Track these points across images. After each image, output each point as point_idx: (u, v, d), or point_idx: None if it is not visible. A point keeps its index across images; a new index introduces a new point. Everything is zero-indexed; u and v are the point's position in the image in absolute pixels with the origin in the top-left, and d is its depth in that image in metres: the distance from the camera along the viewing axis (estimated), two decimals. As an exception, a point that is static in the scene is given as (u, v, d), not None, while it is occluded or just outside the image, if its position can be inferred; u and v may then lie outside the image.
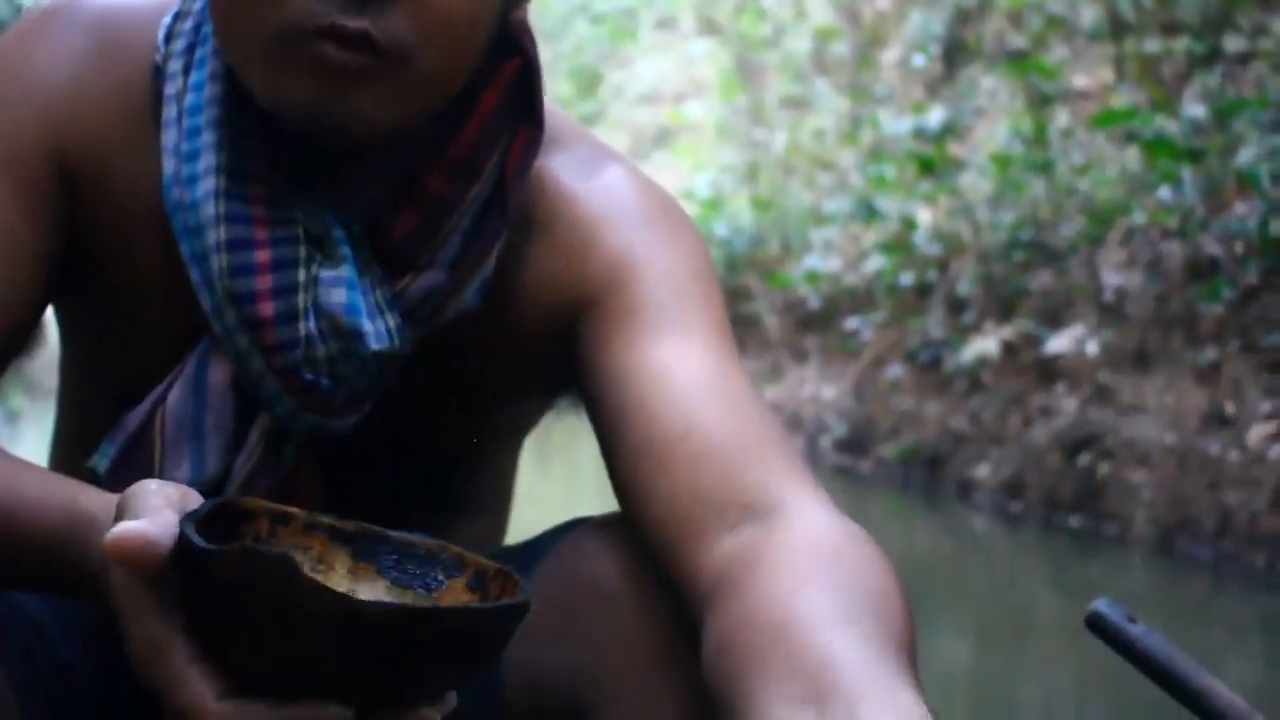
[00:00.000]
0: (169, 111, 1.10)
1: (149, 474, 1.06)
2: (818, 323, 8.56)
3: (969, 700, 3.59)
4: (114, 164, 1.12)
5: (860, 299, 8.23)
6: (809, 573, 0.92)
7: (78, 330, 1.21)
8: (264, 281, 1.06)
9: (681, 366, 1.08)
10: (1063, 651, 3.95)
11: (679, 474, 1.02)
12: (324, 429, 1.10)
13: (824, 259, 8.80)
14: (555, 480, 6.79)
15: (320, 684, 0.77)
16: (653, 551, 1.04)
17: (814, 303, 8.65)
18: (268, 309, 1.06)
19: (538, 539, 1.16)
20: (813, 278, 8.70)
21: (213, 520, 0.82)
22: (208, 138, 1.08)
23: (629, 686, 1.01)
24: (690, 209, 11.20)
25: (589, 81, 13.32)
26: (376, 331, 1.08)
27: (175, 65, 1.11)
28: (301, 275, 1.07)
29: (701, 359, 1.09)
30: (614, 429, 1.08)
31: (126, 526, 0.80)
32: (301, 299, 1.07)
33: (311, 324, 1.07)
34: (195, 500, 0.86)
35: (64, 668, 1.13)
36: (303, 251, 1.07)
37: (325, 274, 1.07)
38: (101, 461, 1.08)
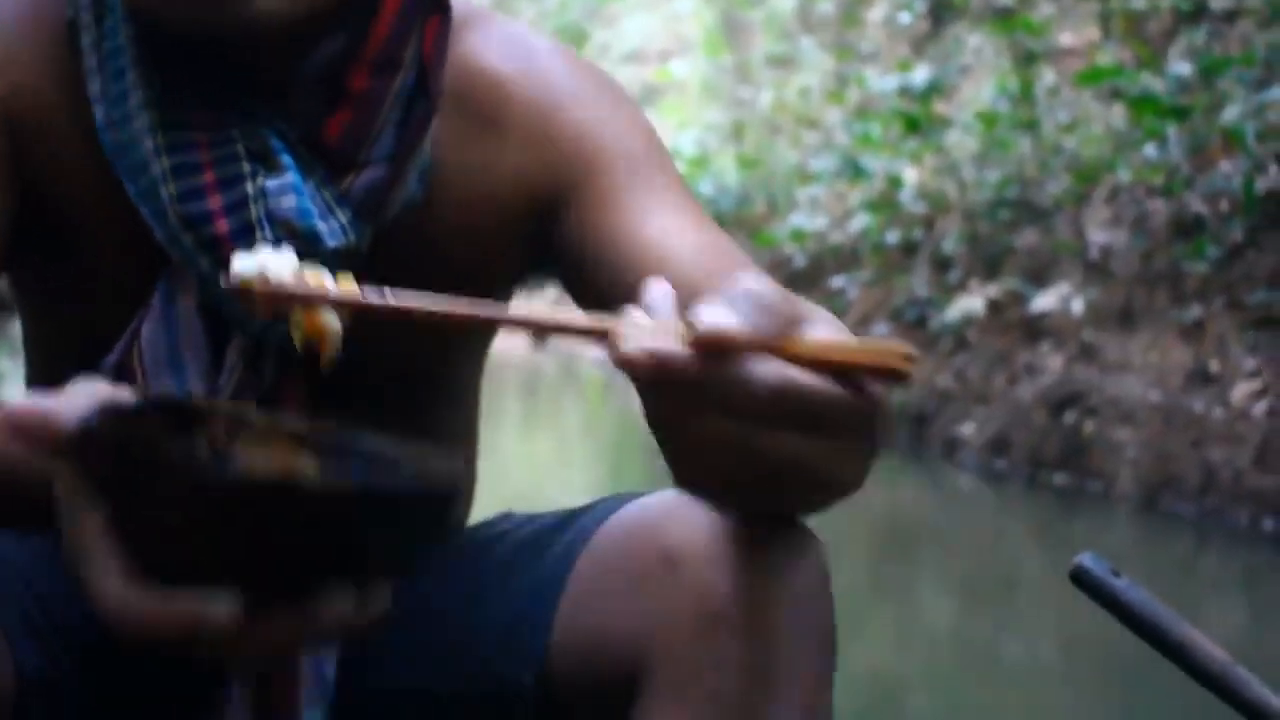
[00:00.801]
0: (90, 61, 1.11)
1: None
2: (803, 281, 8.57)
3: (955, 654, 3.62)
4: (50, 124, 1.13)
5: (846, 257, 8.24)
6: None
7: (36, 291, 1.22)
8: (214, 201, 1.08)
9: (676, 240, 1.13)
10: (1047, 606, 3.98)
11: None
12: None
13: (809, 217, 8.80)
14: (543, 445, 6.81)
15: (210, 570, 0.73)
16: None
17: (800, 261, 8.66)
18: (222, 226, 1.08)
19: (600, 503, 1.15)
20: (798, 236, 8.71)
21: (164, 421, 0.79)
22: (133, 76, 1.10)
23: (693, 646, 1.01)
24: (676, 168, 11.14)
25: (574, 39, 13.28)
26: (330, 229, 1.10)
27: (86, 17, 1.12)
28: (249, 188, 1.09)
29: (689, 225, 1.15)
30: (610, 297, 1.10)
31: (19, 403, 0.80)
32: (254, 210, 1.08)
33: (268, 233, 1.08)
34: (124, 396, 0.85)
35: (47, 605, 1.13)
36: (246, 166, 1.09)
37: (271, 184, 1.09)
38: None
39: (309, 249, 1.09)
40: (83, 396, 0.80)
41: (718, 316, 0.76)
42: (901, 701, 3.20)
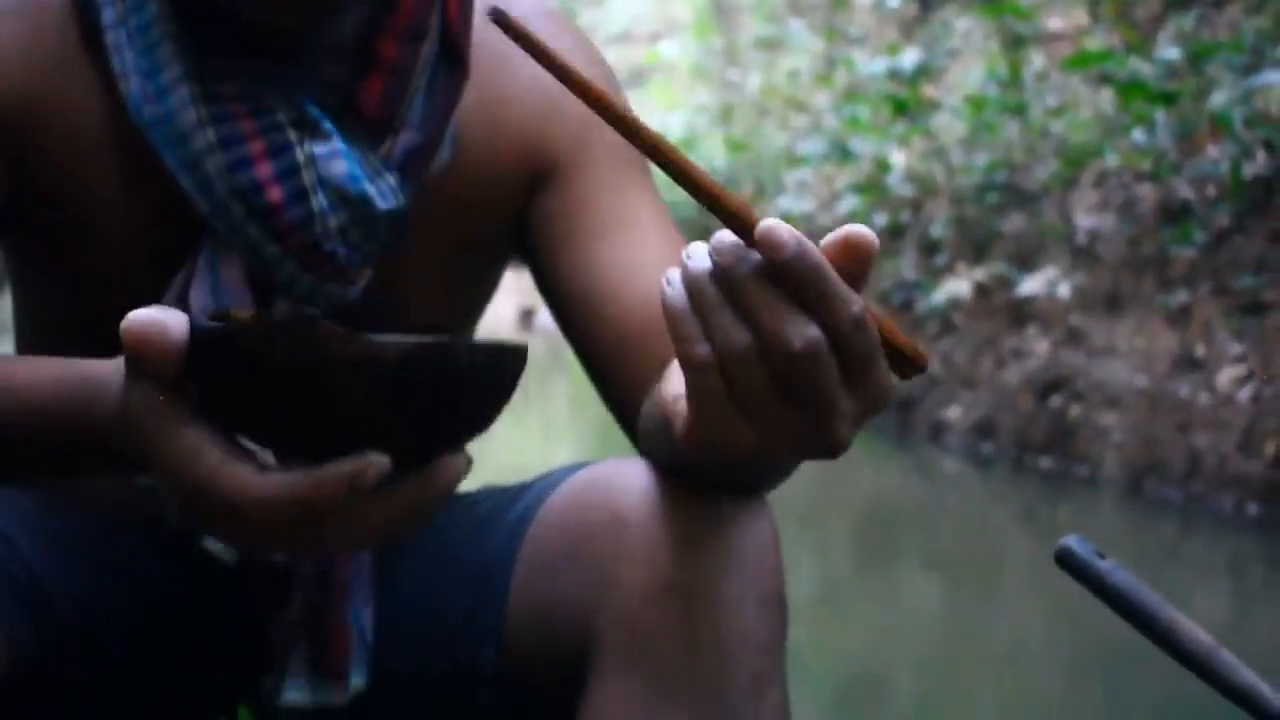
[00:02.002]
0: (115, 37, 1.11)
1: None
2: (791, 264, 8.57)
3: (940, 636, 3.62)
4: (54, 105, 1.13)
5: (834, 240, 8.22)
6: None
7: (33, 277, 1.22)
8: (265, 169, 1.09)
9: (643, 254, 1.18)
10: (1032, 589, 3.99)
11: (648, 355, 1.14)
12: (342, 299, 1.14)
13: (798, 200, 8.80)
14: (530, 424, 6.81)
15: (352, 443, 0.80)
16: (618, 407, 1.17)
17: (787, 244, 8.64)
18: (276, 194, 1.09)
19: (554, 472, 1.17)
20: (787, 219, 8.69)
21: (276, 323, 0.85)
22: (167, 50, 1.10)
23: (643, 615, 1.02)
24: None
25: (563, 21, 13.24)
26: (381, 192, 1.12)
27: None
28: (299, 155, 1.10)
29: (656, 242, 1.20)
30: (583, 316, 1.18)
31: (141, 312, 0.82)
32: (306, 177, 1.10)
33: (322, 198, 1.10)
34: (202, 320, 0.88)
35: (43, 584, 1.13)
36: (292, 134, 1.10)
37: (320, 150, 1.11)
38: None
39: (359, 214, 1.11)
40: (174, 311, 0.83)
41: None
42: (886, 683, 3.21)
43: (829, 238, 0.79)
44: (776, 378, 0.78)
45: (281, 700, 1.11)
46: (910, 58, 8.11)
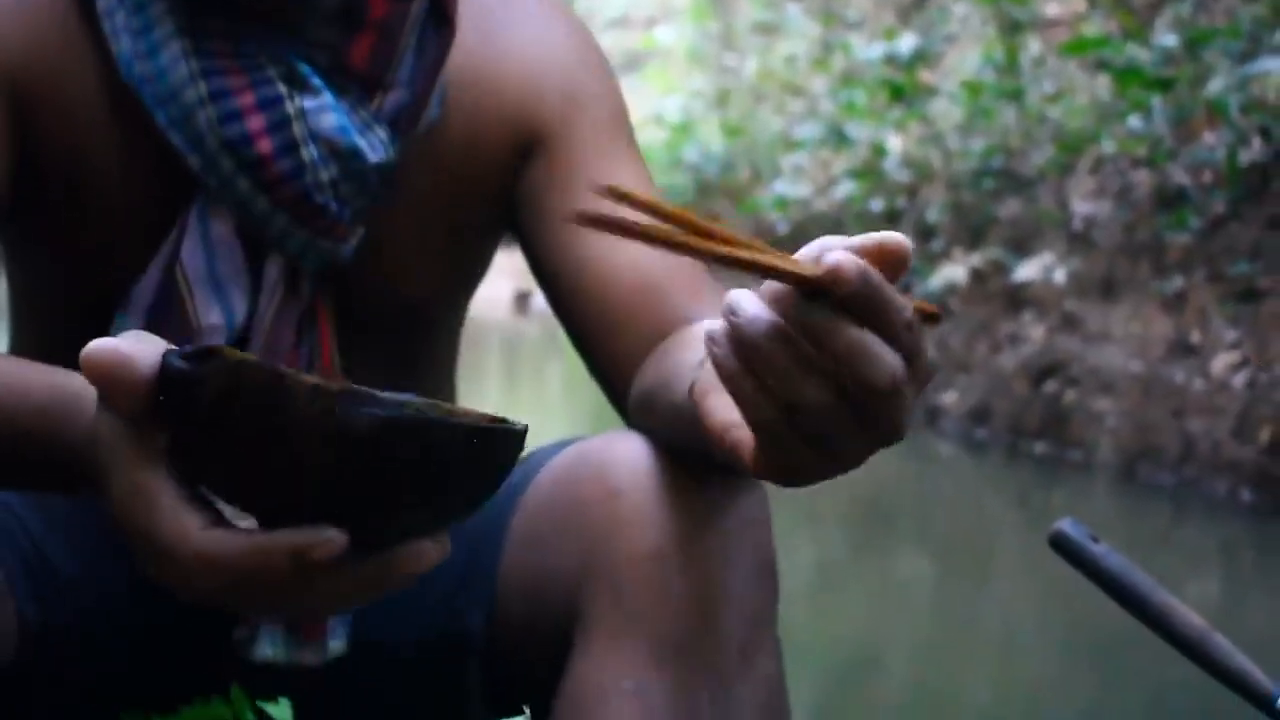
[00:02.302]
0: (106, 2, 1.12)
1: (186, 327, 1.10)
2: (786, 249, 8.55)
3: (934, 620, 3.63)
4: (54, 71, 1.14)
5: (829, 225, 8.23)
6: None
7: (28, 247, 1.22)
8: (256, 122, 1.10)
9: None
10: (1026, 573, 4.00)
11: (635, 325, 1.15)
12: (335, 255, 1.14)
13: (793, 185, 8.80)
14: (524, 406, 6.81)
15: (310, 511, 0.75)
16: (603, 377, 1.19)
17: (783, 229, 8.66)
18: (266, 145, 1.10)
19: (547, 446, 1.18)
20: (782, 204, 8.70)
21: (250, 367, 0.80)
22: (158, 9, 1.11)
23: (630, 583, 1.03)
24: (660, 134, 11.19)
25: (560, 4, 13.21)
26: (372, 145, 1.13)
27: None
28: (290, 108, 1.11)
29: None
30: (570, 285, 1.19)
31: (103, 342, 0.78)
32: (297, 129, 1.11)
33: (312, 150, 1.11)
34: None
35: (47, 557, 1.14)
36: (283, 88, 1.11)
37: (310, 104, 1.12)
38: (119, 333, 1.10)
39: (350, 167, 1.12)
40: (147, 343, 0.80)
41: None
42: (881, 665, 3.22)
43: (860, 244, 0.76)
44: (856, 412, 0.76)
45: (255, 655, 1.10)
46: (907, 43, 8.10)
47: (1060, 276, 6.33)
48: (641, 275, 1.16)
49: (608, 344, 1.17)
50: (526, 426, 0.80)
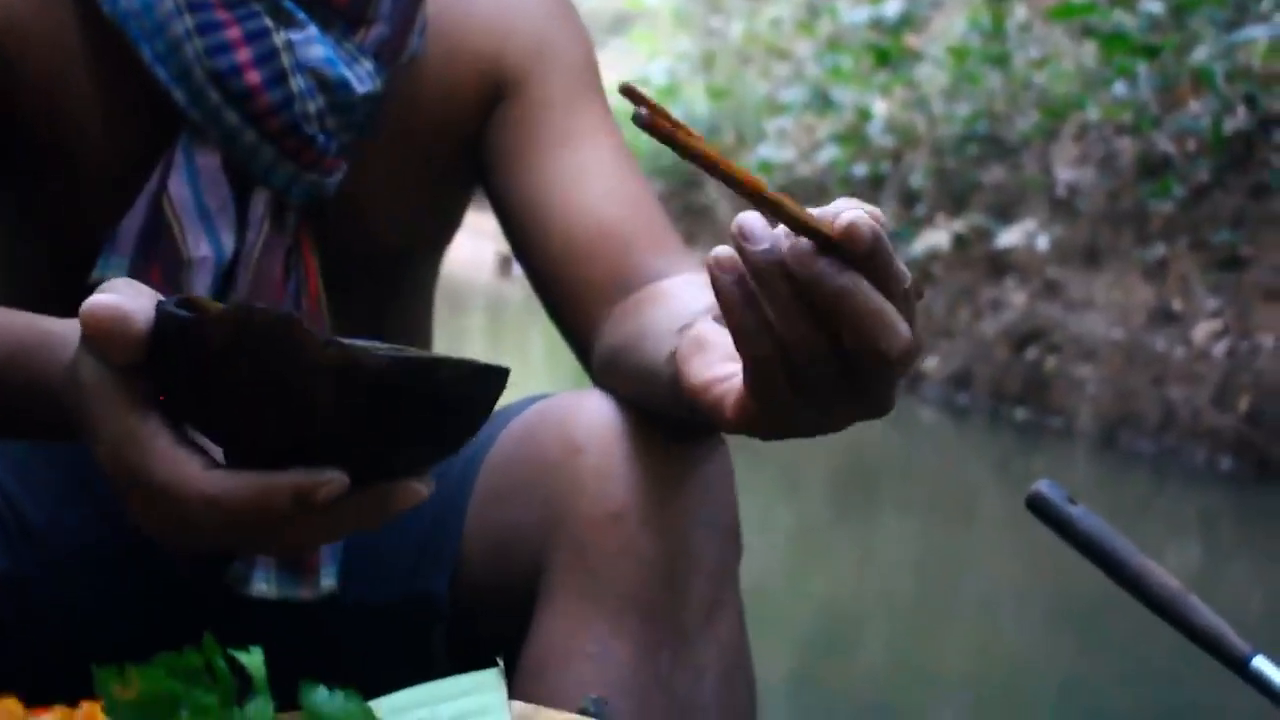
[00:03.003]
0: None
1: (175, 259, 1.10)
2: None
3: (913, 583, 3.64)
4: (34, 9, 1.14)
5: (813, 190, 8.23)
6: (679, 289, 1.07)
7: (6, 194, 1.21)
8: (243, 54, 1.10)
9: (593, 170, 1.20)
10: (1005, 538, 4.01)
11: (598, 267, 1.16)
12: (320, 189, 1.14)
13: (778, 149, 8.78)
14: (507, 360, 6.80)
15: (311, 453, 0.76)
16: (567, 330, 1.19)
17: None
18: (254, 77, 1.10)
19: (512, 403, 1.17)
20: (766, 167, 8.69)
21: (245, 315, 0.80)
22: None
23: (591, 540, 1.03)
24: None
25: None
26: (359, 76, 1.14)
27: None
28: (277, 41, 1.11)
29: (606, 159, 1.21)
30: (532, 229, 1.19)
31: (101, 299, 0.78)
32: (285, 60, 1.11)
33: (300, 81, 1.11)
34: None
35: (15, 505, 1.13)
36: (269, 21, 1.11)
37: (296, 36, 1.12)
38: (107, 268, 1.10)
39: (337, 98, 1.12)
40: (136, 294, 0.79)
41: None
42: (860, 628, 3.23)
43: (872, 210, 0.75)
44: (850, 376, 0.75)
45: (250, 591, 1.10)
46: (893, 7, 8.08)
47: (1043, 243, 6.33)
48: (601, 221, 1.17)
49: (567, 286, 1.18)
50: (509, 369, 0.82)
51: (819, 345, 0.74)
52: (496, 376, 0.80)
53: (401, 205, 1.23)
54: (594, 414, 1.07)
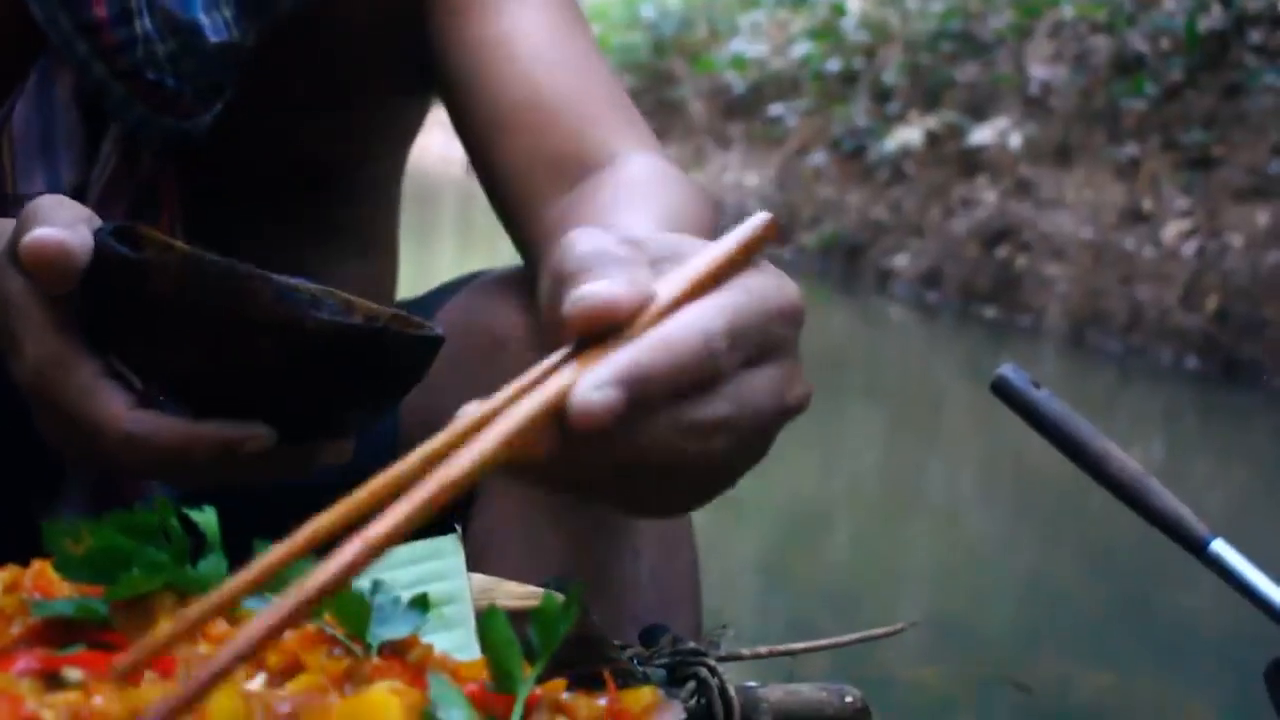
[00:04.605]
0: None
1: (2, 192, 1.06)
2: (742, 109, 8.52)
3: (881, 478, 3.66)
4: None
5: (786, 85, 8.18)
6: (631, 195, 0.94)
7: None
8: None
9: (524, 33, 1.09)
10: (973, 434, 4.03)
11: (524, 140, 1.05)
12: (179, 132, 1.09)
13: (751, 43, 8.72)
14: (475, 262, 6.77)
15: (243, 403, 0.76)
16: (504, 221, 1.07)
17: (739, 88, 8.59)
18: (102, 10, 1.05)
19: (433, 291, 1.16)
20: (739, 63, 8.63)
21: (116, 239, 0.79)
22: None
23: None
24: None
25: None
26: (214, 24, 1.07)
27: None
28: None
29: (543, 23, 1.11)
30: (463, 102, 1.10)
31: (44, 232, 0.75)
32: None
33: (147, 22, 1.06)
34: (97, 220, 0.84)
35: None
36: None
37: None
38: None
39: (188, 43, 1.06)
40: (75, 221, 0.77)
41: (589, 289, 0.55)
42: (828, 525, 3.25)
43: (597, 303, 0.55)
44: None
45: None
46: (869, -99, 8.01)
47: (1015, 141, 6.31)
48: (533, 90, 1.07)
49: (496, 169, 1.08)
50: (443, 336, 0.81)
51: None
52: (433, 345, 0.80)
53: (330, 119, 1.18)
54: (514, 306, 1.06)
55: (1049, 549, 3.04)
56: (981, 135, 6.47)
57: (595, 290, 0.55)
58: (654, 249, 0.61)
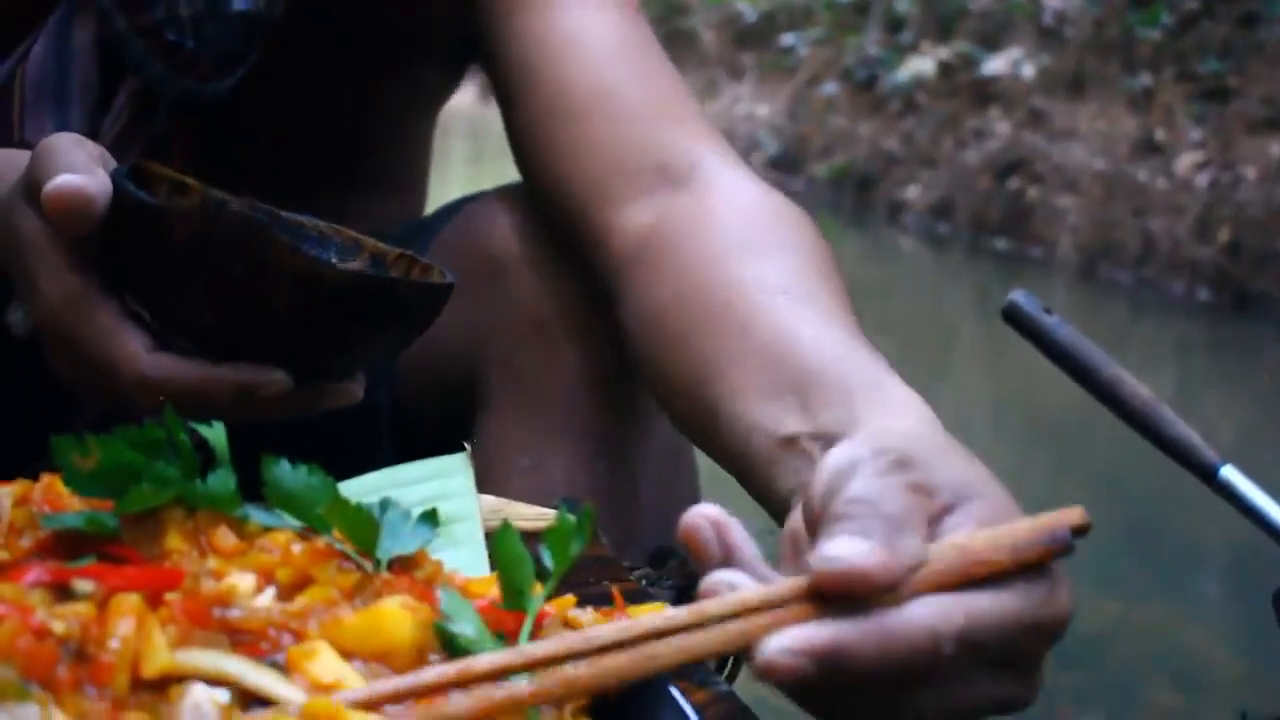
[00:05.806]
0: None
1: (7, 135, 1.04)
2: (754, 39, 8.46)
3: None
4: None
5: (798, 15, 8.12)
6: (745, 235, 0.89)
7: None
8: None
9: (593, 29, 1.06)
10: (984, 365, 4.03)
11: (590, 134, 1.00)
12: (198, 93, 1.08)
13: (763, -26, 8.66)
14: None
15: (258, 347, 0.76)
16: (559, 214, 1.02)
17: (750, 17, 8.53)
18: None
19: (433, 214, 1.15)
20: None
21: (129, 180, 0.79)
22: None
23: (522, 355, 1.02)
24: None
25: None
26: None
27: None
28: None
29: (612, 21, 1.07)
30: (520, 90, 1.05)
31: (67, 179, 0.76)
32: None
33: None
34: (111, 160, 0.83)
35: None
36: None
37: None
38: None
39: (215, 7, 1.05)
40: (91, 165, 0.77)
41: (845, 550, 0.53)
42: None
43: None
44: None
45: None
46: None
47: (1028, 72, 6.27)
48: (594, 77, 1.02)
49: (559, 147, 1.02)
50: (453, 284, 0.82)
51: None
52: (443, 294, 0.81)
53: (359, 86, 1.16)
54: (511, 225, 1.05)
55: (1058, 478, 3.04)
56: (994, 65, 6.42)
57: (850, 557, 0.52)
58: (943, 493, 0.59)
